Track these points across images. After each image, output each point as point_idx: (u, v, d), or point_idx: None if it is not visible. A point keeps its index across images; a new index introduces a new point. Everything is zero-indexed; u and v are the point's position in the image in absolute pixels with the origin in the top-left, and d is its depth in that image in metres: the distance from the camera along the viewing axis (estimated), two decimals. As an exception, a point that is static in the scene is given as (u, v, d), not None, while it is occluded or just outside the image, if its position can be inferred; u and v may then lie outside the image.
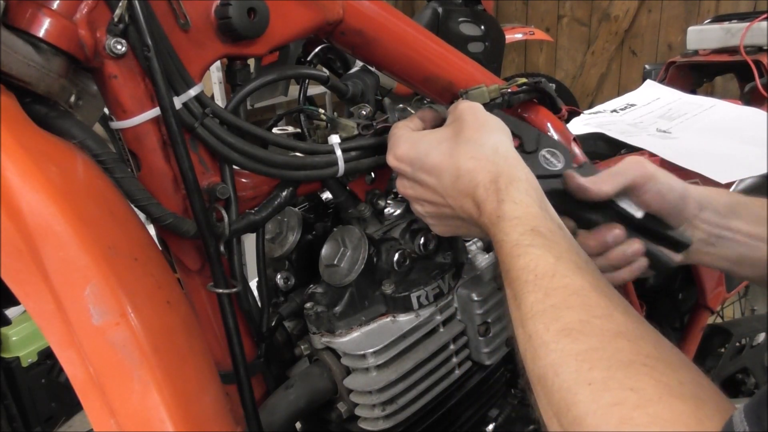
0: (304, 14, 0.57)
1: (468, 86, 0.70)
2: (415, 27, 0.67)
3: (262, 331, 0.62)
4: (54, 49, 0.44)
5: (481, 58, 2.62)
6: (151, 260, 0.46)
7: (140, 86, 0.49)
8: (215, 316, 0.58)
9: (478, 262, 0.73)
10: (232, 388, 0.56)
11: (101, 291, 0.40)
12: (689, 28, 1.53)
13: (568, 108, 0.80)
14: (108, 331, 0.40)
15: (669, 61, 1.57)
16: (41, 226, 0.39)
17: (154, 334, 0.42)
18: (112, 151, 0.48)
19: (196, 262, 0.57)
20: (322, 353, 0.66)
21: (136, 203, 0.49)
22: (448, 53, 0.70)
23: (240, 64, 0.57)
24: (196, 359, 0.46)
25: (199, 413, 0.44)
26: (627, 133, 1.05)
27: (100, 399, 0.40)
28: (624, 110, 1.27)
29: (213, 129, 0.52)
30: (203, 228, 0.51)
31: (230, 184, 0.55)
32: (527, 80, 0.75)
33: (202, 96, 0.51)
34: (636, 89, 1.39)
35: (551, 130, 0.77)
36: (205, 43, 0.52)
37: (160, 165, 0.52)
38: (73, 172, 0.43)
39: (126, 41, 0.47)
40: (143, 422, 0.41)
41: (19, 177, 0.39)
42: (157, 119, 0.50)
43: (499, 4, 4.29)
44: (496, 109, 0.70)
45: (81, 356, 0.40)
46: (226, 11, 0.51)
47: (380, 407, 0.62)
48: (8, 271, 0.40)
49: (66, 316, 0.40)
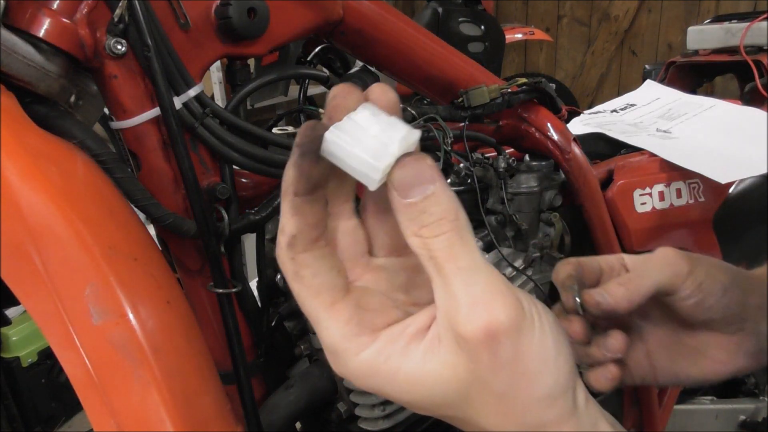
0: (304, 14, 0.57)
1: (468, 86, 0.70)
2: (415, 27, 0.67)
3: (262, 331, 0.62)
4: (54, 49, 0.44)
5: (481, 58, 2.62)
6: (151, 260, 0.46)
7: (140, 86, 0.49)
8: (215, 316, 0.58)
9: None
10: (232, 388, 0.56)
11: (101, 291, 0.40)
12: (689, 28, 1.53)
13: (568, 108, 0.80)
14: (108, 331, 0.40)
15: (669, 61, 1.58)
16: (41, 226, 0.39)
17: (154, 334, 0.42)
18: (112, 151, 0.47)
19: (196, 262, 0.57)
20: (322, 353, 0.66)
21: (136, 203, 0.49)
22: (448, 53, 0.70)
23: (240, 64, 0.57)
24: (196, 359, 0.46)
25: (199, 413, 0.44)
26: (627, 133, 1.05)
27: (100, 399, 0.40)
28: (624, 110, 1.27)
29: (213, 129, 0.52)
30: (203, 228, 0.51)
31: (230, 184, 0.55)
32: (527, 80, 0.75)
33: (202, 96, 0.51)
34: (636, 89, 1.39)
35: (551, 130, 0.77)
36: (205, 43, 0.52)
37: (160, 165, 0.52)
38: (73, 172, 0.43)
39: (126, 41, 0.47)
40: (143, 422, 0.41)
41: (19, 177, 0.39)
42: (157, 119, 0.50)
43: (499, 4, 4.29)
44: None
45: (81, 356, 0.40)
46: (226, 11, 0.51)
47: (380, 407, 0.62)
48: (8, 271, 0.40)
49: (66, 316, 0.40)
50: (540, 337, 0.28)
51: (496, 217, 0.76)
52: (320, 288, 0.29)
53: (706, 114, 1.16)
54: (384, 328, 0.30)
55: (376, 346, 0.29)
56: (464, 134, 0.70)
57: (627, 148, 1.01)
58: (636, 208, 0.86)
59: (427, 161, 0.28)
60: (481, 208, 0.73)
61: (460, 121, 0.71)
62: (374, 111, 0.28)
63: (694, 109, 1.19)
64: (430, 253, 0.28)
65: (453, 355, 0.28)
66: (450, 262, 0.27)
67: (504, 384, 0.28)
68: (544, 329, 0.29)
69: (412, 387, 0.29)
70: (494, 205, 0.76)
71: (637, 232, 0.86)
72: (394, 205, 0.28)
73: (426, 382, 0.29)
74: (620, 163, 0.90)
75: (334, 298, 0.29)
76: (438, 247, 0.27)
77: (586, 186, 0.79)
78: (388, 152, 0.27)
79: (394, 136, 0.28)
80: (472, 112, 0.71)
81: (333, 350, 0.30)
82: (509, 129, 0.79)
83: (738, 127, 1.08)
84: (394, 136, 0.28)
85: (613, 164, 0.89)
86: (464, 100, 0.70)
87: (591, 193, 0.79)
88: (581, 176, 0.78)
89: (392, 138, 0.28)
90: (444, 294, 0.28)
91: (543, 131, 0.77)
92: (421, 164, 0.28)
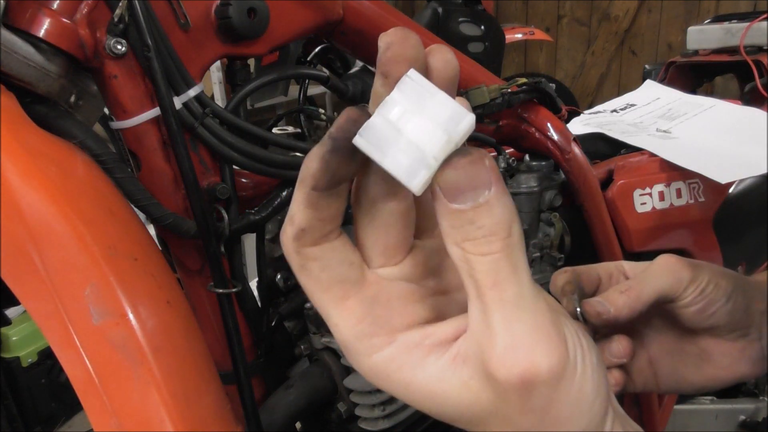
0: (304, 14, 0.57)
1: (468, 86, 0.70)
2: (415, 27, 0.67)
3: (262, 331, 0.62)
4: (54, 49, 0.44)
5: (481, 58, 2.62)
6: (151, 260, 0.46)
7: (140, 86, 0.49)
8: (215, 316, 0.58)
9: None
10: (232, 388, 0.56)
11: (101, 291, 0.40)
12: (689, 28, 1.53)
13: (568, 108, 0.80)
14: (108, 331, 0.40)
15: (669, 61, 1.58)
16: (41, 226, 0.39)
17: (154, 334, 0.42)
18: (112, 151, 0.48)
19: (196, 262, 0.57)
20: (322, 353, 0.66)
21: (136, 203, 0.49)
22: (448, 53, 0.70)
23: (240, 64, 0.57)
24: (196, 359, 0.46)
25: (199, 413, 0.44)
26: (627, 133, 1.05)
27: (100, 399, 0.40)
28: (624, 110, 1.27)
29: (213, 129, 0.52)
30: (203, 228, 0.51)
31: (230, 184, 0.55)
32: (527, 80, 0.75)
33: (202, 96, 0.51)
34: (636, 89, 1.39)
35: (551, 130, 0.77)
36: (205, 43, 0.52)
37: (160, 165, 0.52)
38: (73, 172, 0.43)
39: (126, 41, 0.47)
40: (143, 422, 0.41)
41: (19, 177, 0.39)
42: (157, 119, 0.50)
43: (499, 4, 4.29)
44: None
45: (81, 356, 0.40)
46: (226, 11, 0.51)
47: (380, 407, 0.62)
48: (8, 271, 0.40)
49: (66, 316, 0.40)
50: (580, 382, 0.25)
51: (496, 217, 0.76)
52: (330, 282, 0.26)
53: (706, 114, 1.16)
54: (402, 330, 0.26)
55: (389, 352, 0.26)
56: (464, 134, 0.70)
57: (627, 148, 1.01)
58: (636, 208, 0.86)
59: (485, 162, 0.23)
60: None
61: (460, 121, 0.71)
62: (422, 87, 0.23)
63: (694, 109, 1.19)
64: (471, 272, 0.23)
65: (477, 382, 0.25)
66: (493, 290, 0.23)
67: (530, 425, 0.25)
68: (586, 374, 0.25)
69: (425, 399, 0.26)
70: (494, 205, 0.76)
71: (637, 232, 0.86)
72: (437, 205, 0.24)
73: (440, 398, 0.26)
74: (620, 163, 0.90)
75: (346, 292, 0.26)
76: (482, 269, 0.23)
77: (586, 186, 0.79)
78: (430, 155, 0.22)
79: (437, 136, 0.22)
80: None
81: (345, 347, 0.27)
82: (509, 129, 0.79)
83: (738, 127, 1.08)
84: (436, 137, 0.22)
85: (613, 164, 0.89)
86: (464, 100, 0.70)
87: (591, 193, 0.79)
88: (581, 176, 0.78)
89: (435, 138, 0.22)
90: (481, 321, 0.24)
91: (543, 131, 0.77)
92: (477, 167, 0.23)
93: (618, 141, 1.03)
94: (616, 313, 0.44)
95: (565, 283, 0.46)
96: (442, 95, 0.23)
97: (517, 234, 0.23)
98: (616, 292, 0.45)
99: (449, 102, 0.23)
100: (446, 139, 0.22)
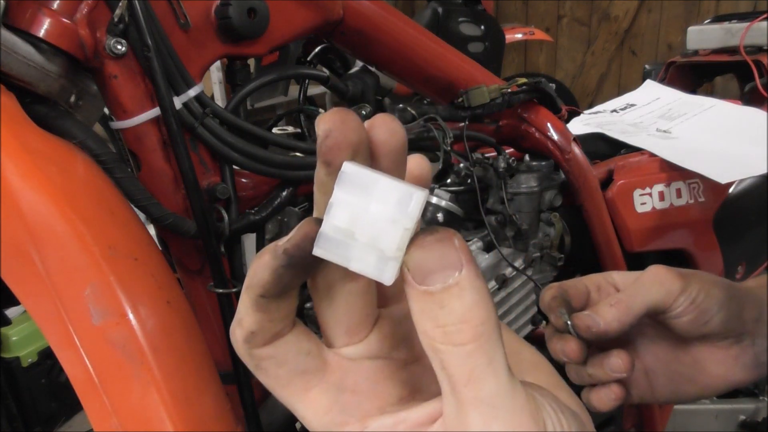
0: (304, 14, 0.57)
1: (468, 86, 0.70)
2: (415, 27, 0.67)
3: (262, 331, 0.62)
4: (54, 49, 0.44)
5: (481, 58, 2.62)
6: (151, 260, 0.46)
7: (140, 86, 0.49)
8: (215, 316, 0.58)
9: (479, 262, 0.73)
10: (232, 388, 0.56)
11: (101, 291, 0.40)
12: (689, 28, 1.53)
13: (568, 108, 0.80)
14: (108, 331, 0.40)
15: (669, 61, 1.58)
16: (41, 226, 0.39)
17: (154, 334, 0.42)
18: (112, 151, 0.48)
19: (196, 262, 0.57)
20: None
21: (136, 203, 0.49)
22: (448, 53, 0.70)
23: (240, 64, 0.57)
24: (196, 359, 0.46)
25: (199, 413, 0.44)
26: (627, 133, 1.05)
27: (100, 399, 0.40)
28: (624, 110, 1.27)
29: (213, 129, 0.52)
30: (203, 228, 0.51)
31: (230, 184, 0.55)
32: (527, 80, 0.75)
33: (202, 96, 0.51)
34: (636, 89, 1.39)
35: (551, 130, 0.78)
36: (205, 43, 0.52)
37: (160, 165, 0.52)
38: (73, 172, 0.43)
39: (126, 41, 0.47)
40: (143, 422, 0.41)
41: (19, 177, 0.39)
42: (157, 119, 0.50)
43: (499, 4, 4.29)
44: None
45: (81, 356, 0.40)
46: (226, 11, 0.51)
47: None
48: (8, 271, 0.40)
49: (66, 316, 0.40)
50: None
51: (496, 217, 0.76)
52: (289, 376, 0.24)
53: (706, 114, 1.16)
54: (374, 414, 0.25)
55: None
56: (464, 134, 0.70)
57: (627, 148, 1.01)
58: (636, 208, 0.86)
59: (454, 241, 0.21)
60: (481, 208, 0.73)
61: (460, 121, 0.71)
62: (361, 178, 0.21)
63: (694, 109, 1.19)
64: (443, 364, 0.21)
65: None
66: (468, 387, 0.21)
67: None
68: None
69: None
70: (494, 205, 0.76)
71: (637, 232, 0.86)
72: (406, 288, 0.22)
73: None
74: (620, 163, 0.90)
75: (308, 383, 0.25)
76: (455, 363, 0.21)
77: (586, 186, 0.79)
78: (392, 249, 0.21)
79: (391, 229, 0.21)
80: (472, 112, 0.71)
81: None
82: (509, 129, 0.79)
83: (738, 127, 1.08)
84: (391, 230, 0.21)
85: (613, 164, 0.89)
86: (464, 100, 0.70)
87: (591, 193, 0.79)
88: (581, 176, 0.78)
89: (390, 231, 0.21)
90: (456, 418, 0.22)
91: (543, 131, 0.77)
92: (445, 245, 0.21)
93: (618, 141, 1.03)
94: (606, 327, 0.44)
95: (551, 298, 0.46)
96: (384, 181, 0.21)
97: (493, 324, 0.21)
98: (606, 305, 0.45)
99: (393, 185, 0.21)
100: (401, 226, 0.21)
